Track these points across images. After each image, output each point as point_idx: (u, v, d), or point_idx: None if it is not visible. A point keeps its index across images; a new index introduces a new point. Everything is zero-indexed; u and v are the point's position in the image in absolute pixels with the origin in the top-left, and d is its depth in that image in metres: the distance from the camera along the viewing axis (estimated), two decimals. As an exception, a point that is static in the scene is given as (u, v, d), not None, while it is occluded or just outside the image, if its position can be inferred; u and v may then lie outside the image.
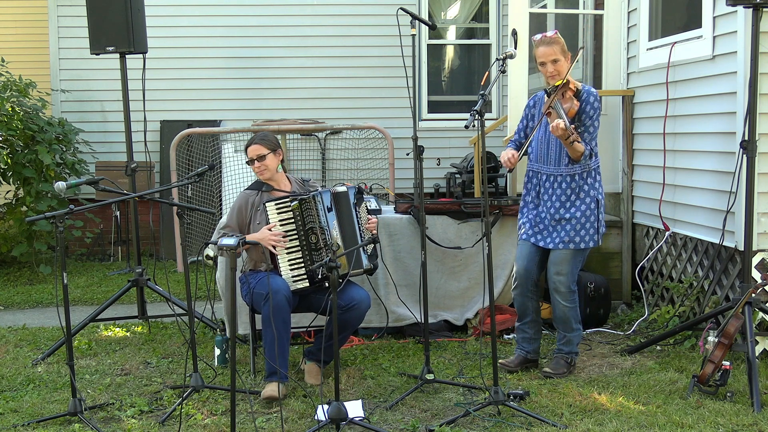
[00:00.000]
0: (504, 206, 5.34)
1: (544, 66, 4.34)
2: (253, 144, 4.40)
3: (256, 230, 4.32)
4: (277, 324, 4.00)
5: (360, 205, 4.45)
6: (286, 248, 4.25)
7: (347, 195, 4.40)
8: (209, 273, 5.72)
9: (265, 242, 4.20)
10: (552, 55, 4.30)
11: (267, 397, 4.03)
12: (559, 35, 4.38)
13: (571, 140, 4.13)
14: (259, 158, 4.38)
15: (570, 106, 4.20)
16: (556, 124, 4.09)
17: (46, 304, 6.45)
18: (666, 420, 3.74)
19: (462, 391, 4.23)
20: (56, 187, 4.06)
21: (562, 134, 4.11)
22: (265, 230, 4.24)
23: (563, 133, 4.10)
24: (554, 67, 4.31)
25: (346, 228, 4.34)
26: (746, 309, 4.11)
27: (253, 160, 4.38)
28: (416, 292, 4.86)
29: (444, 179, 6.54)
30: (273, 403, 4.04)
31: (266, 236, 4.22)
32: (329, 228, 4.29)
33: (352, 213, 4.39)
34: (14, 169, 7.13)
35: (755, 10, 4.17)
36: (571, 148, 4.20)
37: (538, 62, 4.39)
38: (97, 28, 5.35)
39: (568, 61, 4.34)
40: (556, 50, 4.30)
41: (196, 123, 7.96)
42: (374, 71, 8.20)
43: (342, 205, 4.37)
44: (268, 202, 4.29)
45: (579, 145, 4.20)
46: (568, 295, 4.43)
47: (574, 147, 4.19)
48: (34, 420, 3.86)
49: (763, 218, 4.58)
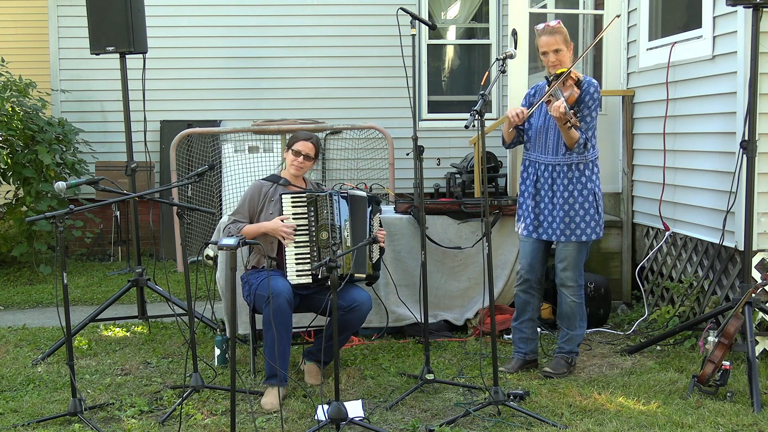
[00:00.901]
0: (504, 206, 5.34)
1: (546, 56, 4.33)
2: (309, 141, 4.40)
3: (268, 219, 4.33)
4: (278, 326, 3.99)
5: (375, 215, 4.47)
6: (295, 242, 4.25)
7: (364, 200, 4.42)
8: (209, 273, 5.72)
9: (277, 232, 4.22)
10: (554, 44, 4.30)
11: (267, 410, 3.99)
12: (561, 25, 4.36)
13: (569, 125, 4.14)
14: (306, 157, 4.40)
15: (570, 93, 4.21)
16: (556, 106, 4.09)
17: (46, 304, 6.45)
18: (666, 420, 3.74)
19: (462, 391, 4.23)
20: (56, 187, 4.06)
21: (561, 117, 4.09)
22: (278, 220, 4.25)
23: (561, 116, 4.09)
24: (556, 56, 4.31)
25: (357, 231, 4.34)
26: (746, 309, 4.11)
27: (301, 154, 4.39)
28: (416, 292, 4.86)
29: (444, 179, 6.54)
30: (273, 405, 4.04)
31: (278, 226, 4.23)
32: (341, 228, 4.29)
33: (366, 219, 4.41)
34: (14, 169, 7.13)
35: (755, 10, 4.17)
36: (567, 133, 4.20)
37: (540, 52, 4.38)
38: (97, 28, 5.35)
39: (571, 51, 4.34)
40: (559, 40, 4.30)
41: (196, 123, 7.96)
42: (374, 71, 8.20)
43: (357, 209, 4.38)
44: (285, 194, 4.30)
45: (575, 132, 4.21)
46: (576, 289, 4.44)
47: (570, 133, 4.20)
48: (34, 420, 3.86)
49: (763, 218, 4.58)
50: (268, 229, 4.25)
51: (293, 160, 4.41)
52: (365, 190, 4.54)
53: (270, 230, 4.24)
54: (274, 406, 3.99)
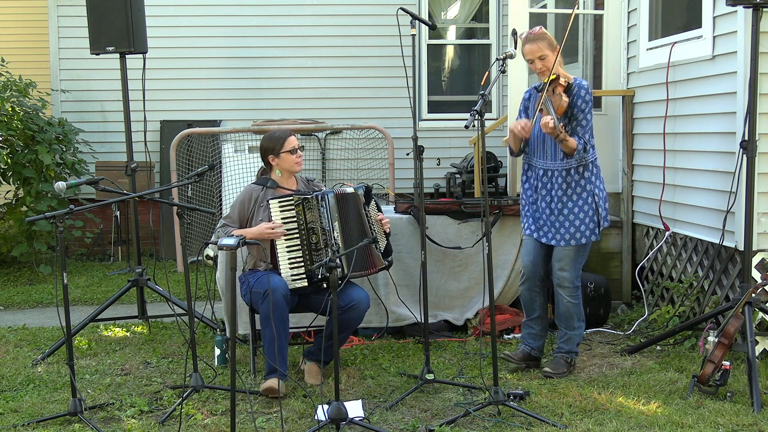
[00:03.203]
0: (504, 206, 5.34)
1: (532, 63, 4.35)
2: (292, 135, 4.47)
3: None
4: (275, 322, 4.00)
5: (369, 204, 4.46)
6: (286, 247, 4.25)
7: (354, 196, 4.41)
8: (209, 273, 5.72)
9: (263, 236, 4.21)
10: (538, 51, 4.30)
11: (266, 389, 4.03)
12: (544, 30, 4.37)
13: (560, 138, 4.17)
14: (301, 149, 4.46)
15: (559, 104, 4.22)
16: (545, 123, 4.15)
17: (46, 304, 6.45)
18: (666, 420, 3.74)
19: (462, 391, 4.23)
20: (56, 187, 4.06)
21: (552, 132, 4.16)
22: (262, 225, 4.26)
23: (552, 131, 4.15)
24: (542, 63, 4.32)
25: (348, 229, 4.33)
26: (746, 309, 4.11)
27: (296, 149, 4.42)
28: (416, 292, 4.86)
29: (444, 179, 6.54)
30: (273, 402, 4.04)
31: (263, 229, 4.23)
32: (331, 229, 4.29)
33: (358, 213, 4.39)
34: (14, 169, 7.13)
35: (755, 10, 4.17)
36: (564, 144, 4.24)
37: (526, 60, 4.39)
38: (97, 28, 5.35)
39: (557, 55, 4.33)
40: (542, 46, 4.30)
41: (196, 123, 7.96)
42: (374, 71, 8.20)
43: (346, 207, 4.37)
44: (272, 199, 4.29)
45: (571, 141, 4.24)
46: (572, 290, 4.45)
47: (566, 143, 4.23)
48: (34, 420, 3.86)
49: (763, 218, 4.58)
50: (254, 235, 4.19)
51: (294, 158, 4.41)
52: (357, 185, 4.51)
53: (256, 236, 4.18)
54: (273, 385, 4.01)
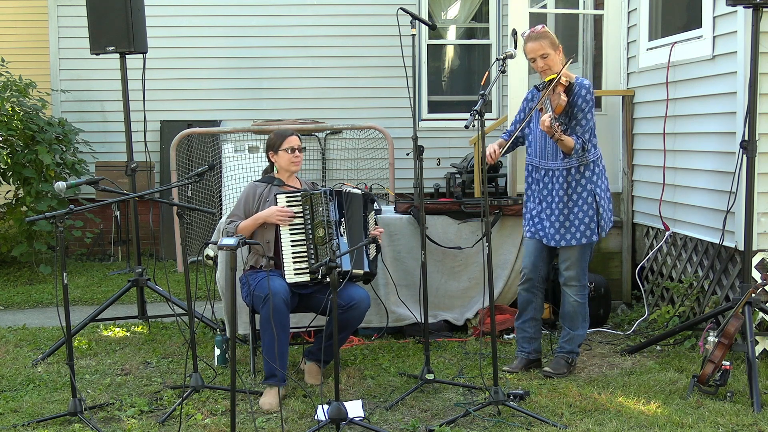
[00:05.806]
0: (504, 206, 5.34)
1: (534, 62, 4.35)
2: (294, 135, 4.50)
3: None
4: (276, 327, 3.99)
5: (370, 212, 4.49)
6: (291, 241, 4.26)
7: (359, 198, 4.43)
8: (209, 273, 5.72)
9: (272, 218, 4.24)
10: (540, 50, 4.30)
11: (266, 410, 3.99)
12: (546, 29, 4.36)
13: (556, 137, 4.17)
14: (300, 150, 4.48)
15: (558, 103, 4.21)
16: (542, 120, 4.15)
17: (46, 304, 6.45)
18: (666, 420, 3.74)
19: (462, 391, 4.23)
20: (56, 187, 4.06)
21: (548, 131, 4.15)
22: (273, 207, 4.29)
23: (548, 130, 4.14)
24: (544, 62, 4.31)
25: (353, 228, 4.35)
26: (746, 309, 4.11)
27: (295, 149, 4.44)
28: (416, 292, 4.86)
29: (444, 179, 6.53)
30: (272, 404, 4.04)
31: (274, 212, 4.26)
32: (337, 225, 4.30)
33: (361, 216, 4.42)
34: (14, 169, 7.13)
35: (755, 10, 4.17)
36: (561, 143, 4.24)
37: (528, 58, 4.39)
38: (97, 28, 5.35)
39: (559, 55, 4.33)
40: (545, 45, 4.29)
41: (196, 123, 7.96)
42: (374, 71, 8.19)
43: (352, 207, 4.39)
44: (280, 194, 4.32)
45: (568, 140, 4.23)
46: (579, 289, 4.45)
47: (563, 142, 4.23)
48: (34, 420, 3.86)
49: (763, 218, 4.58)
50: (264, 217, 4.27)
51: (291, 157, 4.43)
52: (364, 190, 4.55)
53: (266, 217, 4.26)
54: (273, 406, 3.99)
